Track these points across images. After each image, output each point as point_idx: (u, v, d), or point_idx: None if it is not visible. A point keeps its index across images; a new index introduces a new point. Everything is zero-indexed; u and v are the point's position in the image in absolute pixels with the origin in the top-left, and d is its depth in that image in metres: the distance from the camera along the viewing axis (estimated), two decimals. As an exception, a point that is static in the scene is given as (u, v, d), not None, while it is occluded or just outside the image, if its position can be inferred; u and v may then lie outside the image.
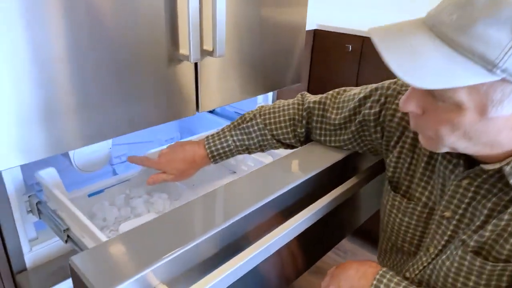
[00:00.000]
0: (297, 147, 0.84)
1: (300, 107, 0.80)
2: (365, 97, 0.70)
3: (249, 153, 0.84)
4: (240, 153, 0.84)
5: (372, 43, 0.45)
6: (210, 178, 1.06)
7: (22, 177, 0.77)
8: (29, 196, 0.78)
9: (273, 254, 0.61)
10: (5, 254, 0.77)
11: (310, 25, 1.39)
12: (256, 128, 0.80)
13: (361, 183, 0.77)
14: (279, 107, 0.81)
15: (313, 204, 0.67)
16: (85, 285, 0.43)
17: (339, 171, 0.77)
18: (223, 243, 0.57)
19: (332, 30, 1.34)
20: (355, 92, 0.74)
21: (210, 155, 0.81)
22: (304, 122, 0.79)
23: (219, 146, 0.81)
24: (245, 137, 0.81)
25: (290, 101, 0.82)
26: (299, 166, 0.73)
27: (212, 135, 0.83)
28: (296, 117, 0.80)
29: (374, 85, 0.70)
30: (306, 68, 1.42)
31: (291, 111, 0.80)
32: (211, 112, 1.39)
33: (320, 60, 1.39)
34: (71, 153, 0.83)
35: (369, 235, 1.60)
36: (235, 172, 1.09)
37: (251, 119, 0.81)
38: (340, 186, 0.74)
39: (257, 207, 0.60)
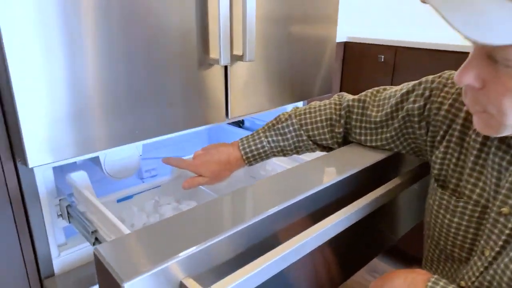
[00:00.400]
0: (334, 149, 0.80)
1: (338, 106, 0.78)
2: (408, 92, 0.67)
3: (284, 155, 0.82)
4: (275, 155, 0.82)
5: (402, 52, 0.42)
6: (235, 184, 1.04)
7: (54, 180, 0.77)
8: (60, 200, 0.78)
9: (302, 259, 0.57)
10: (35, 258, 0.77)
11: (341, 38, 1.38)
12: (291, 128, 0.78)
13: (401, 186, 0.72)
14: (315, 108, 0.79)
15: (348, 206, 0.63)
16: (109, 274, 0.41)
17: (378, 173, 0.73)
18: (251, 241, 0.53)
19: (363, 42, 1.33)
20: (396, 89, 0.71)
21: (244, 157, 0.79)
22: (342, 121, 0.76)
23: (253, 148, 0.79)
24: (280, 138, 0.79)
25: (327, 101, 0.79)
26: (334, 166, 0.70)
27: (247, 136, 0.81)
28: (334, 117, 0.77)
29: (416, 81, 0.67)
30: (337, 80, 1.40)
31: (328, 111, 0.77)
32: (241, 126, 1.38)
33: (351, 71, 1.37)
34: (101, 158, 0.83)
35: (403, 256, 1.50)
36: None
37: (286, 120, 0.79)
38: (378, 189, 0.69)
39: (287, 205, 0.56)
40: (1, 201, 0.70)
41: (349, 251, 0.79)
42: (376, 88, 0.75)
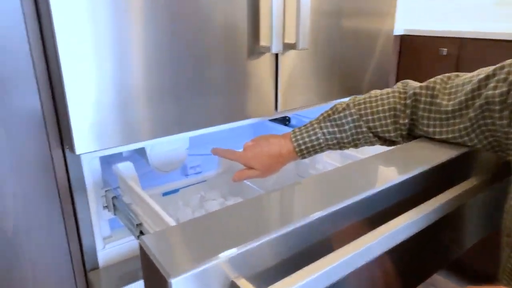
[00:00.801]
0: (397, 143, 0.73)
1: (403, 95, 0.70)
2: (488, 77, 0.58)
3: (340, 148, 0.76)
4: (330, 148, 0.76)
5: (468, 44, 0.35)
6: (283, 183, 0.98)
7: (101, 171, 0.76)
8: (106, 191, 0.76)
9: (357, 270, 0.50)
10: (80, 250, 0.75)
11: (397, 31, 1.29)
12: (349, 119, 0.72)
13: (475, 189, 0.64)
14: (376, 97, 0.72)
15: (412, 211, 0.55)
16: (155, 268, 0.37)
17: (448, 173, 0.64)
18: (303, 243, 0.48)
19: (422, 35, 1.23)
20: (472, 74, 0.62)
21: (297, 149, 0.74)
22: (408, 111, 0.69)
23: (307, 139, 0.73)
24: (336, 129, 0.72)
25: (389, 89, 0.72)
26: (396, 164, 0.63)
27: (299, 128, 0.75)
28: (398, 106, 0.70)
29: (497, 65, 0.58)
30: (393, 75, 1.31)
31: (391, 100, 0.70)
32: (286, 124, 1.33)
33: (409, 66, 1.27)
34: (147, 150, 0.81)
35: (469, 269, 1.37)
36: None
37: (343, 109, 0.73)
38: (447, 192, 0.61)
39: (342, 207, 0.50)
40: (50, 189, 0.69)
41: (409, 262, 0.70)
42: (447, 75, 0.67)
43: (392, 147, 0.74)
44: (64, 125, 0.64)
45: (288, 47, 0.79)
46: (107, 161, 0.80)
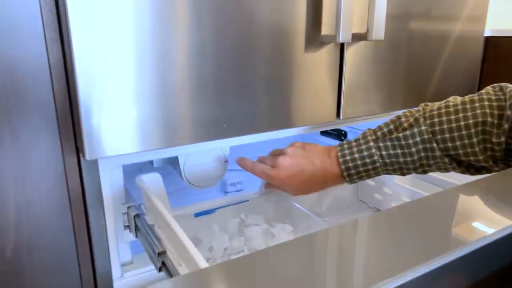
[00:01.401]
0: (487, 170, 0.54)
1: (496, 103, 0.51)
2: None
3: (403, 174, 0.58)
4: (389, 173, 0.59)
5: None
6: (346, 212, 0.81)
7: (124, 183, 0.63)
8: (128, 207, 0.63)
9: None
10: (93, 277, 0.62)
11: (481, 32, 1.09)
12: (418, 139, 0.54)
13: None
14: (455, 106, 0.53)
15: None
16: None
17: None
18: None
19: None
20: None
21: (345, 173, 0.57)
22: (506, 126, 0.50)
23: (359, 162, 0.57)
24: (399, 151, 0.55)
25: (474, 96, 0.54)
26: (500, 205, 0.43)
27: (350, 142, 0.59)
28: (490, 119, 0.51)
29: None
30: (474, 82, 1.11)
31: (479, 111, 0.52)
32: (342, 140, 1.16)
33: (495, 73, 1.06)
34: (181, 160, 0.67)
35: None
36: (378, 210, 0.81)
37: (410, 126, 0.55)
38: None
39: (437, 267, 0.32)
40: (60, 202, 0.57)
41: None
42: None
43: (486, 175, 0.55)
44: (77, 125, 0.51)
45: (357, 37, 0.63)
46: (135, 173, 0.67)
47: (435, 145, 0.54)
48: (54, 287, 0.59)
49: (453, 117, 0.53)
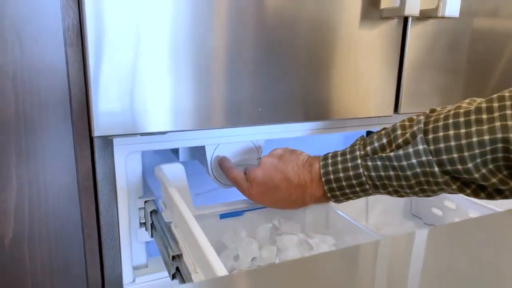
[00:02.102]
0: (504, 194, 0.42)
1: None
2: None
3: (400, 196, 0.48)
4: (380, 193, 0.48)
5: None
6: (397, 229, 0.69)
7: (142, 172, 0.55)
8: (145, 202, 0.55)
9: None
10: (101, 280, 0.54)
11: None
12: (415, 161, 0.43)
13: None
14: (467, 115, 0.40)
15: None
16: None
17: None
18: None
19: None
20: None
21: (329, 194, 0.49)
22: None
23: (344, 183, 0.47)
24: (392, 173, 0.45)
25: (494, 102, 0.40)
26: None
27: (335, 156, 0.49)
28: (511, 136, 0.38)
29: None
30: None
31: (498, 123, 0.38)
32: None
33: None
34: (209, 153, 0.58)
35: None
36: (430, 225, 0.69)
37: (406, 143, 0.43)
38: None
39: None
40: (69, 189, 0.49)
41: None
42: None
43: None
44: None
45: (425, 13, 0.52)
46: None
47: (436, 169, 0.42)
48: (57, 286, 0.52)
49: (463, 131, 0.40)
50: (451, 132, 0.41)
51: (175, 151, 0.68)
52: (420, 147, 0.42)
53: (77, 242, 0.52)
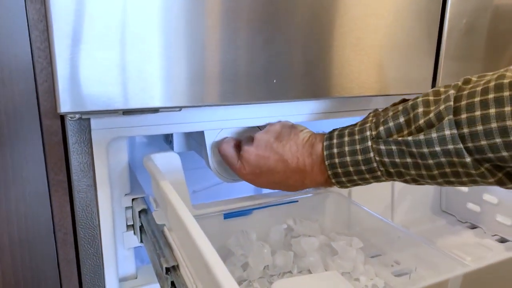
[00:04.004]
0: None
1: None
2: None
3: (419, 184, 0.39)
4: (390, 181, 0.40)
5: None
6: (426, 227, 0.59)
7: (129, 164, 0.45)
8: (133, 200, 0.45)
9: None
10: (80, 296, 0.45)
11: None
12: (438, 149, 0.34)
13: None
14: (500, 89, 0.31)
15: None
16: None
17: None
18: None
19: None
20: None
21: (334, 180, 0.41)
22: None
23: (351, 169, 0.39)
24: (409, 161, 0.36)
25: None
26: None
27: (342, 135, 0.40)
28: None
29: None
30: None
31: None
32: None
33: None
34: (208, 141, 0.49)
35: None
36: (474, 226, 0.59)
37: (429, 125, 0.34)
38: None
39: None
40: (37, 185, 0.40)
41: None
42: None
43: None
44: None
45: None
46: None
47: (468, 159, 0.33)
48: (24, 306, 0.42)
49: (508, 108, 0.31)
50: (492, 111, 0.31)
51: (169, 141, 0.59)
52: (447, 132, 0.33)
53: (49, 250, 0.42)
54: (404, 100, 0.39)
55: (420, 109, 0.35)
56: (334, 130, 0.42)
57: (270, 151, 0.43)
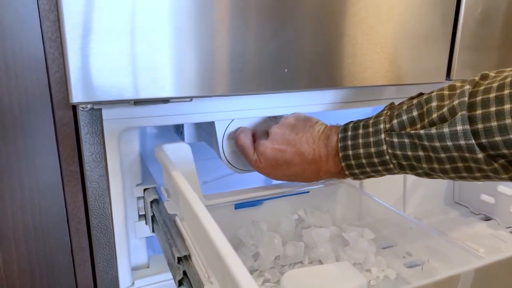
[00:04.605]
0: None
1: None
2: None
3: (431, 178, 0.39)
4: (402, 174, 0.40)
5: None
6: (439, 218, 0.59)
7: (140, 155, 0.45)
8: (145, 190, 0.46)
9: None
10: (94, 283, 0.45)
11: None
12: (450, 144, 0.33)
13: None
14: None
15: None
16: None
17: None
18: None
19: None
20: None
21: (347, 172, 0.42)
22: None
23: (364, 161, 0.40)
24: (421, 154, 0.36)
25: None
26: None
27: (356, 128, 0.40)
28: None
29: None
30: None
31: None
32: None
33: None
34: (220, 131, 0.49)
35: None
36: (488, 218, 0.59)
37: (442, 119, 0.34)
38: None
39: None
40: (50, 176, 0.40)
41: None
42: None
43: None
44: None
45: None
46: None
47: (480, 155, 0.32)
48: (39, 293, 0.43)
49: (508, 107, 0.30)
50: (508, 107, 0.30)
51: (180, 132, 0.59)
52: (459, 128, 0.32)
53: (63, 239, 0.42)
54: (420, 94, 0.39)
55: (434, 103, 0.35)
56: (349, 122, 0.42)
57: (287, 144, 0.43)
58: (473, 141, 0.32)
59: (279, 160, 0.43)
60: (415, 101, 0.37)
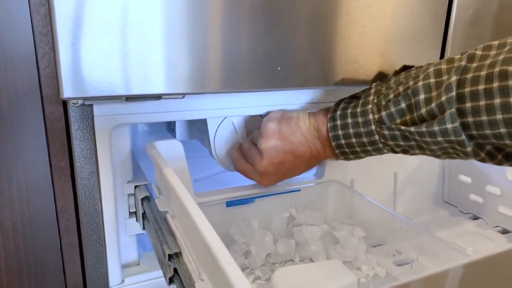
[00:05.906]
0: None
1: None
2: None
3: (425, 154, 0.40)
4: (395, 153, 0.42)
5: None
6: (428, 218, 0.59)
7: (131, 152, 0.45)
8: (135, 187, 0.45)
9: None
10: (83, 281, 0.45)
11: None
12: (441, 139, 0.34)
13: None
14: (504, 71, 0.30)
15: None
16: None
17: None
18: None
19: None
20: None
21: (341, 157, 0.44)
22: None
23: (358, 149, 0.42)
24: (413, 143, 0.38)
25: None
26: None
27: (344, 118, 0.41)
28: None
29: None
30: None
31: None
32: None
33: None
34: (211, 127, 0.49)
35: None
36: (476, 217, 0.59)
37: (431, 115, 0.35)
38: None
39: None
40: (40, 172, 0.40)
41: None
42: None
43: None
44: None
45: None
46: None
47: (469, 149, 0.34)
48: (27, 291, 0.42)
49: (496, 102, 0.30)
50: (497, 101, 0.30)
51: (171, 129, 0.59)
52: (449, 126, 0.33)
53: (52, 236, 0.42)
54: (405, 68, 0.40)
55: (422, 96, 0.35)
56: (336, 108, 0.43)
57: (283, 154, 0.44)
58: (464, 136, 0.33)
59: (283, 170, 0.45)
60: (401, 88, 0.38)
